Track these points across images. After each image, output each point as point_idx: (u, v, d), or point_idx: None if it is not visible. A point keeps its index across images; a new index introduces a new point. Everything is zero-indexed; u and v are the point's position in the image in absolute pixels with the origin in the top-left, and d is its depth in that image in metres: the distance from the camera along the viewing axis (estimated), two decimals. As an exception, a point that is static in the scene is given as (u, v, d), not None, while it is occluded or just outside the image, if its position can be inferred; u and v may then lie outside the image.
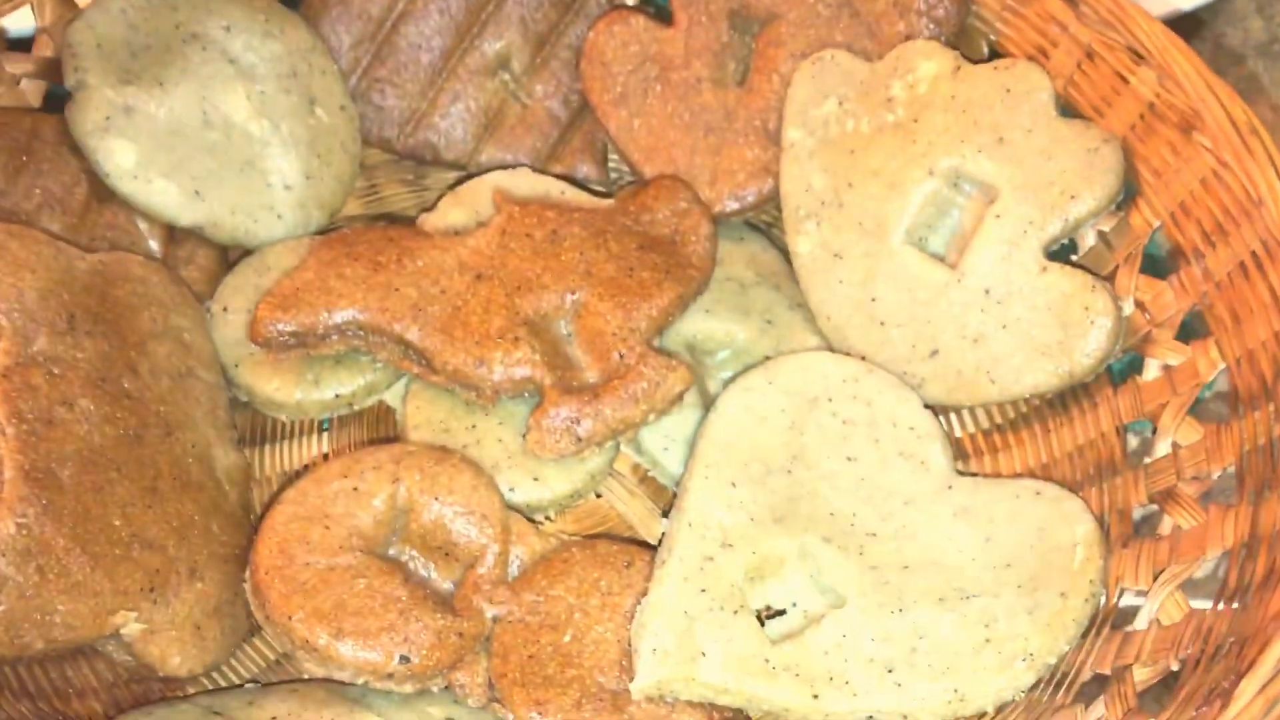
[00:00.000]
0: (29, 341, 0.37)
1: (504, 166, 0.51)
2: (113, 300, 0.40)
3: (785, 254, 0.50)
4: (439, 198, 0.50)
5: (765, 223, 0.54)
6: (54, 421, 0.36)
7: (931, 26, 0.48)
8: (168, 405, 0.40)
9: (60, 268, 0.39)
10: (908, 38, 0.48)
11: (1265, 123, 0.63)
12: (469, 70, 0.53)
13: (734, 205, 0.51)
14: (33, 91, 0.48)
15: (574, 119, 0.54)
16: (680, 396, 0.43)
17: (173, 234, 0.46)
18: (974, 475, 0.43)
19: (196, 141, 0.46)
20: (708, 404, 0.46)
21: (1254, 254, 0.39)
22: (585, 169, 0.54)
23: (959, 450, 0.47)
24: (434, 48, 0.52)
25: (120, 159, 0.44)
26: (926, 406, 0.45)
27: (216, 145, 0.47)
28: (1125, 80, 0.43)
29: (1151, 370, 0.42)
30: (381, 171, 0.54)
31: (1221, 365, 0.40)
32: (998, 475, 0.46)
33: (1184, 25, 0.65)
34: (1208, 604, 0.36)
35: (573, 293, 0.44)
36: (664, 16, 0.52)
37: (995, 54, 0.48)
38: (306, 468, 0.46)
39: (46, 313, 0.38)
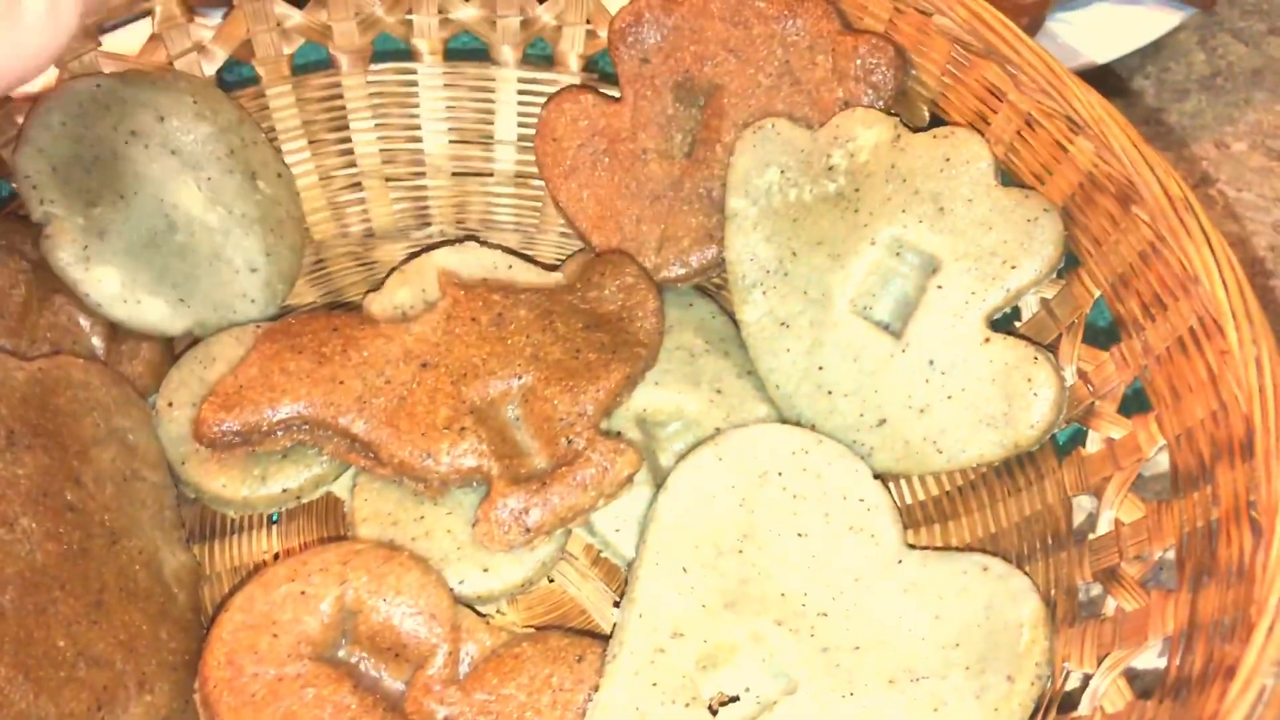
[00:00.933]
0: (-35, 464, 0.37)
1: (449, 242, 0.51)
2: (53, 409, 0.40)
3: (734, 319, 0.50)
4: (386, 275, 0.50)
5: (715, 285, 0.54)
6: (-6, 544, 0.36)
7: (870, 92, 0.48)
8: (112, 513, 0.40)
9: (-3, 381, 0.39)
10: (847, 104, 0.48)
11: (1208, 158, 0.64)
12: None
13: (679, 271, 0.51)
14: (-33, 190, 0.47)
15: None
16: (629, 480, 0.43)
17: (114, 330, 0.46)
18: (923, 549, 0.43)
19: (167, 248, 0.47)
20: (659, 479, 0.46)
21: (1191, 330, 0.39)
22: None
23: (908, 517, 0.48)
24: None
25: (106, 287, 0.45)
26: (876, 476, 0.45)
27: (185, 246, 0.47)
28: (1064, 149, 0.44)
29: (1095, 443, 0.43)
30: (328, 247, 0.54)
31: (1161, 441, 0.40)
32: (947, 547, 0.46)
33: (1128, 61, 0.65)
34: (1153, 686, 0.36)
35: (519, 378, 0.44)
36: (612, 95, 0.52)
37: (936, 118, 0.49)
38: (256, 567, 0.46)
39: (-18, 432, 0.38)
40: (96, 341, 0.45)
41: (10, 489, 0.37)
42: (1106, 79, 0.66)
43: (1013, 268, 0.44)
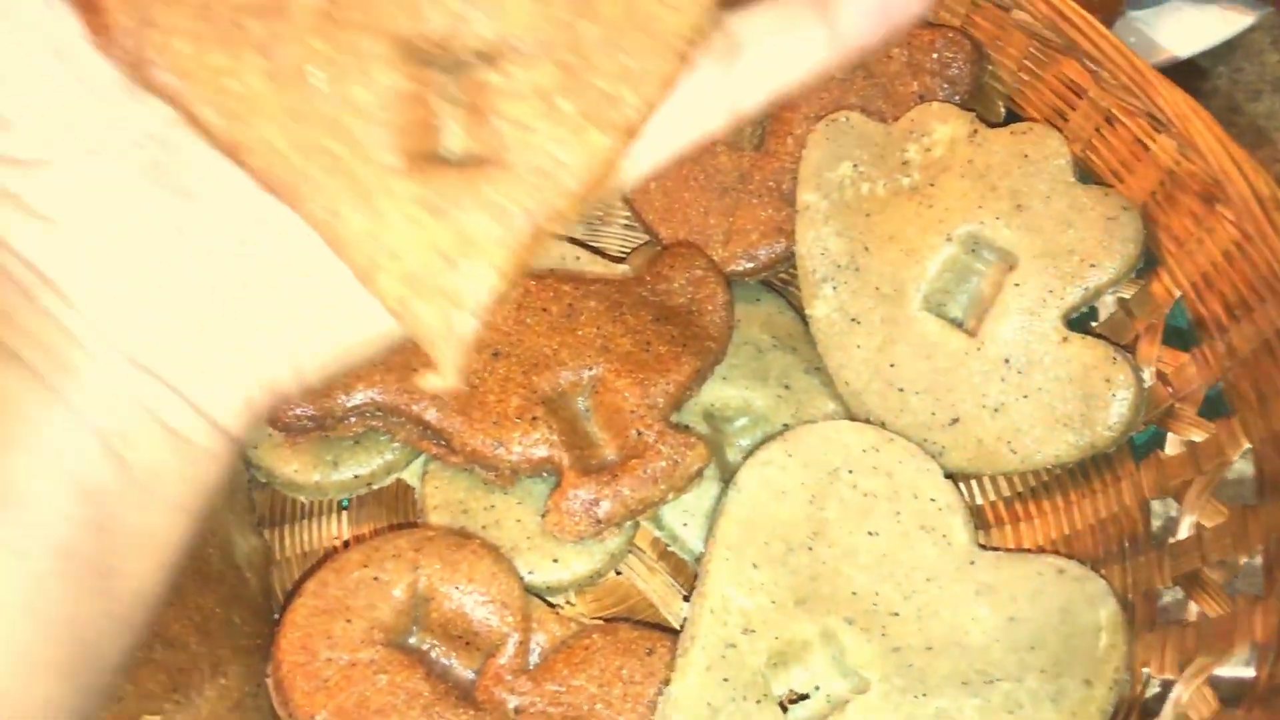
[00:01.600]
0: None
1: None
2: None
3: (802, 315, 0.50)
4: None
5: (783, 280, 0.53)
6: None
7: (946, 87, 0.48)
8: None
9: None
10: (922, 98, 0.48)
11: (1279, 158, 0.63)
12: None
13: (747, 264, 0.50)
14: None
15: None
16: (699, 474, 0.43)
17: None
18: (995, 550, 0.42)
19: None
20: (726, 474, 0.46)
21: (1278, 332, 0.38)
22: None
23: (979, 519, 0.47)
24: None
25: None
26: (947, 475, 0.45)
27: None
28: (1145, 147, 0.43)
29: (1174, 445, 0.42)
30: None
31: (1245, 445, 0.39)
32: (1020, 549, 0.46)
33: (1200, 61, 0.64)
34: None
35: (589, 369, 0.44)
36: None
37: (1012, 114, 0.48)
38: (327, 552, 0.46)
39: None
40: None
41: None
42: (1178, 77, 0.65)
43: (1091, 266, 0.43)
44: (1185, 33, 0.62)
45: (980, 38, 0.47)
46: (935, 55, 0.47)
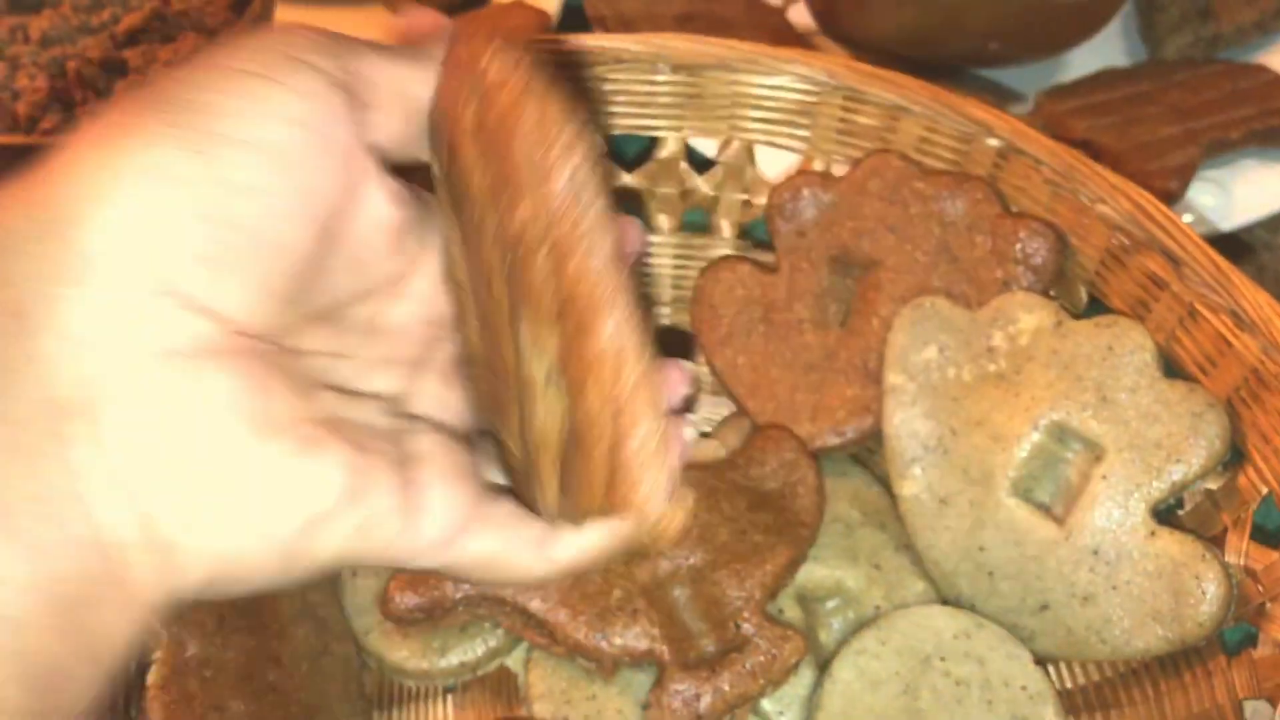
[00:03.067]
0: (183, 648, 0.39)
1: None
2: (255, 590, 0.42)
3: (887, 487, 0.51)
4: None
5: (868, 449, 0.55)
6: (208, 729, 0.38)
7: (1029, 274, 0.49)
8: (307, 690, 0.42)
9: (208, 566, 0.41)
10: (1006, 285, 0.49)
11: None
12: None
13: (834, 440, 0.52)
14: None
15: None
16: (796, 667, 0.44)
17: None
18: (1089, 742, 0.43)
19: None
20: (819, 655, 0.47)
21: (1370, 541, 0.39)
22: None
23: (1069, 704, 0.48)
24: None
25: None
26: (1036, 661, 0.45)
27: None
28: (1229, 343, 0.44)
29: (1267, 645, 0.43)
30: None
31: (1342, 655, 0.40)
32: (1112, 742, 0.46)
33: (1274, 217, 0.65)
34: None
35: (688, 559, 0.46)
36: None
37: (1095, 301, 0.49)
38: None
39: (198, 615, 0.40)
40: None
41: (220, 672, 0.40)
42: (1253, 233, 0.66)
43: (1178, 461, 0.44)
44: (1260, 192, 0.63)
45: (1063, 226, 0.49)
46: (1019, 245, 0.49)
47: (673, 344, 0.59)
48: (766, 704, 0.46)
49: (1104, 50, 0.73)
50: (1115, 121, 0.65)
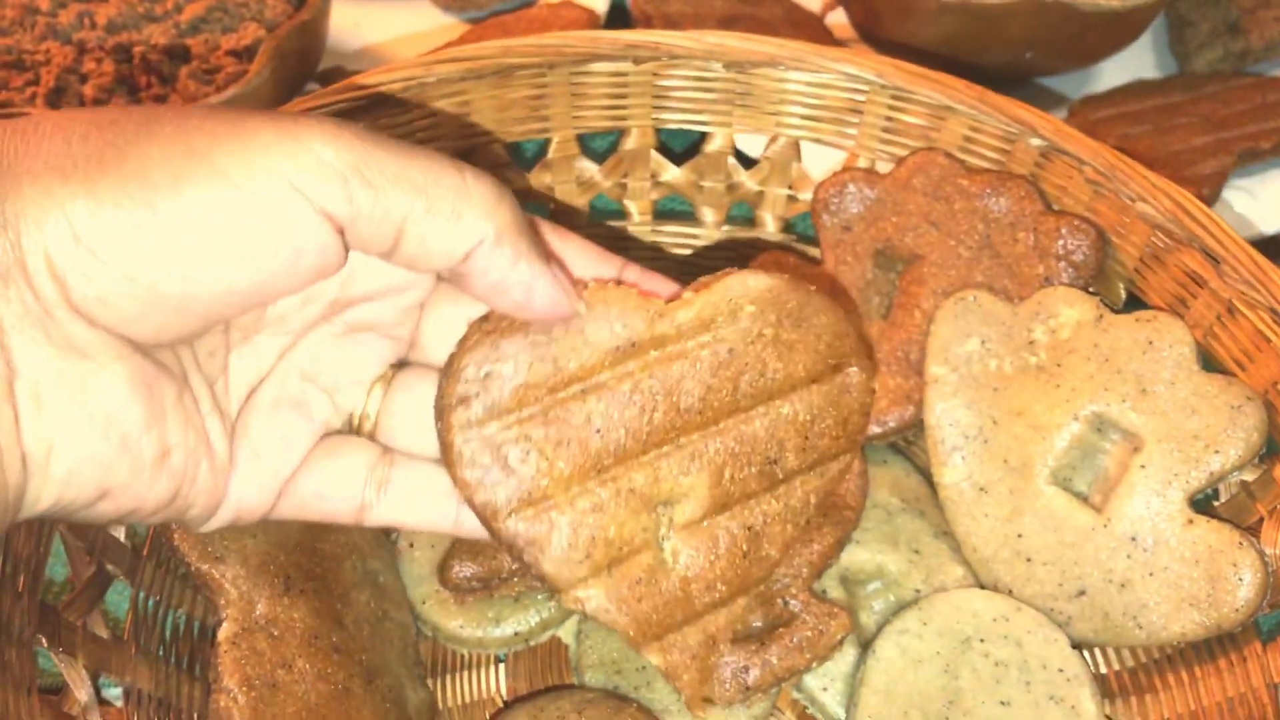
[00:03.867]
0: (252, 606, 0.41)
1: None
2: (320, 554, 0.44)
3: (926, 477, 0.52)
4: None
5: (906, 440, 0.56)
6: (277, 685, 0.39)
7: (1070, 270, 0.50)
8: (369, 653, 0.43)
9: (276, 529, 0.43)
10: (1047, 280, 0.51)
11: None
12: (630, 488, 0.37)
13: (876, 430, 0.53)
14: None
15: (704, 612, 0.40)
16: (841, 643, 0.45)
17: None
18: (1124, 723, 0.44)
19: None
20: (861, 637, 0.49)
21: (1405, 530, 0.40)
22: (684, 678, 0.40)
23: (1105, 688, 0.49)
24: (609, 442, 0.37)
25: None
26: (1073, 645, 0.47)
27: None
28: (1267, 339, 0.45)
29: (1301, 632, 0.44)
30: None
31: (1375, 639, 0.41)
32: (1148, 724, 0.47)
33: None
34: None
35: (737, 537, 0.47)
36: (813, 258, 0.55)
37: (1133, 298, 0.51)
38: (484, 705, 0.49)
39: (266, 575, 0.41)
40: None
41: (288, 631, 0.41)
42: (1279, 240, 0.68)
43: (1215, 452, 0.46)
44: (1288, 201, 0.64)
45: (1103, 224, 0.50)
46: (1061, 241, 0.50)
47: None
48: (811, 680, 0.47)
49: (1136, 62, 0.75)
50: (1148, 130, 0.66)
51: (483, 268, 0.32)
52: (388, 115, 0.52)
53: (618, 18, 0.72)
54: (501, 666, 0.49)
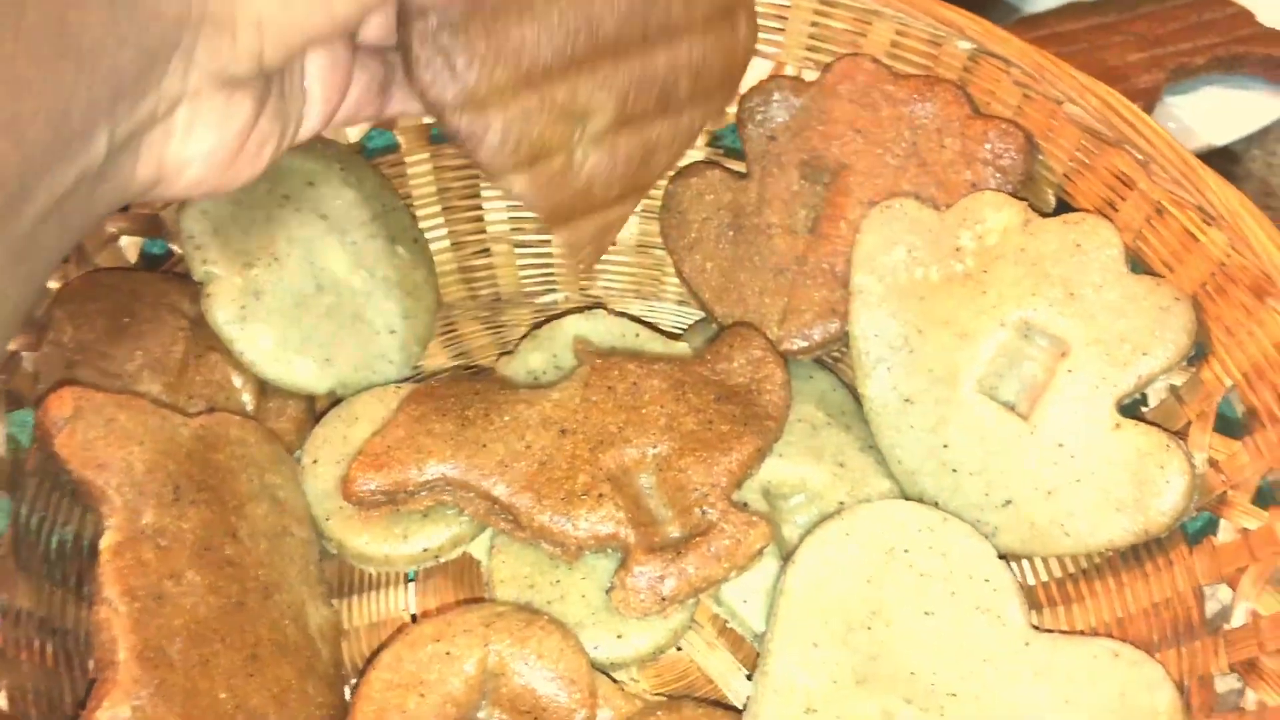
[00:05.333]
0: (138, 515, 0.38)
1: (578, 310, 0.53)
2: (214, 465, 0.42)
3: (853, 392, 0.51)
4: (516, 339, 0.51)
5: (833, 357, 0.54)
6: (163, 596, 0.37)
7: (998, 175, 0.49)
8: (265, 568, 0.41)
9: (165, 437, 0.41)
10: (974, 186, 0.49)
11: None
12: (553, 101, 0.43)
13: (801, 344, 0.52)
14: (130, 248, 0.49)
15: (602, 206, 0.47)
16: (761, 552, 0.44)
17: (264, 387, 0.47)
18: (1050, 631, 0.43)
19: (316, 309, 0.48)
20: (783, 551, 0.47)
21: (1331, 425, 0.39)
22: (583, 251, 0.49)
23: (1032, 599, 0.48)
24: (539, 62, 0.42)
25: (261, 345, 0.46)
26: (1000, 556, 0.46)
27: (331, 307, 0.49)
28: (1196, 239, 0.44)
29: (1227, 532, 0.43)
30: (458, 310, 0.56)
31: (1300, 535, 0.40)
32: (1074, 632, 0.46)
33: (1236, 145, 0.66)
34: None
35: (654, 447, 0.45)
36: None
37: (1063, 203, 0.49)
38: (393, 624, 0.47)
39: (153, 484, 0.39)
40: (247, 398, 0.47)
41: (177, 542, 0.39)
42: (1212, 161, 0.67)
43: (1143, 354, 0.44)
44: (1222, 119, 0.64)
45: (1032, 128, 0.49)
46: (988, 145, 0.49)
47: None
48: (730, 593, 0.46)
49: (1071, -16, 0.73)
50: (1082, 49, 0.65)
51: None
52: None
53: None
54: (412, 586, 0.48)
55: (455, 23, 0.39)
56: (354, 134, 0.53)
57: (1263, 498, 0.42)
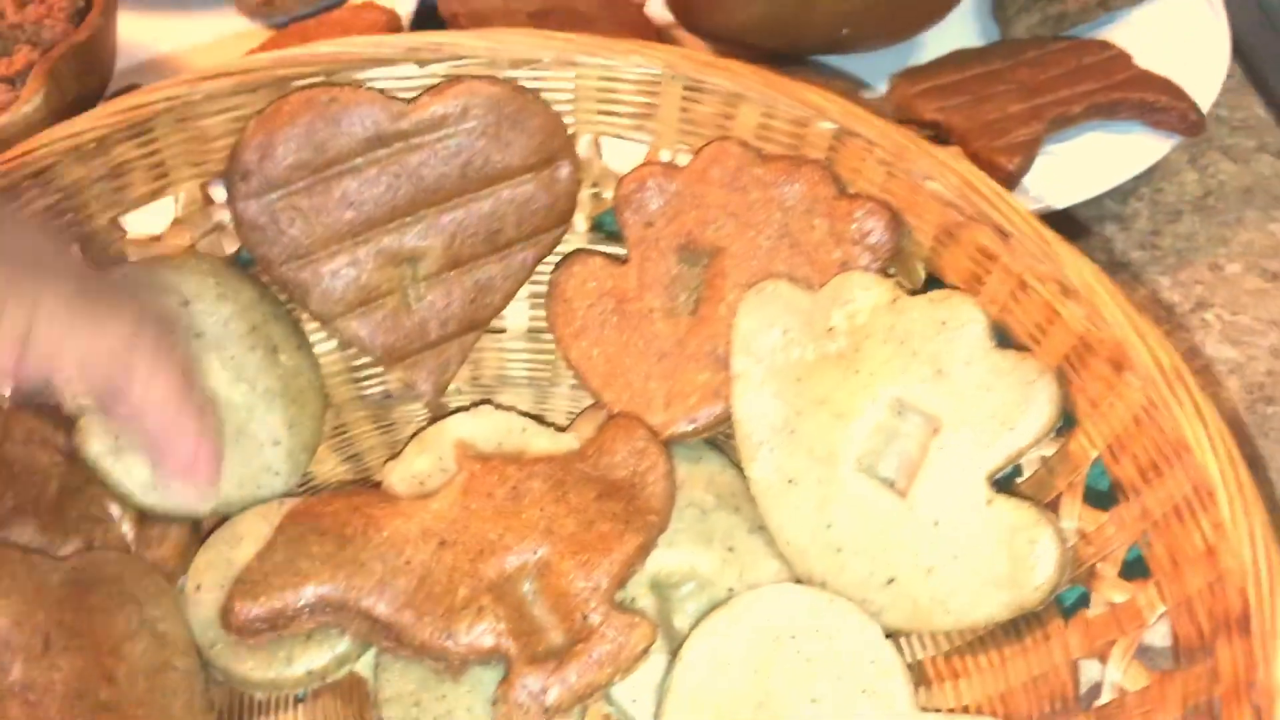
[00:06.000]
0: (5, 672, 0.38)
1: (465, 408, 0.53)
2: (88, 608, 0.42)
3: (741, 471, 0.51)
4: (405, 439, 0.52)
5: (724, 435, 0.55)
6: (33, 753, 0.37)
7: (867, 254, 0.50)
8: (145, 707, 0.41)
9: (34, 587, 0.40)
10: (845, 265, 0.50)
11: (1204, 281, 0.65)
12: (379, 248, 0.51)
13: (688, 427, 0.52)
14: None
15: (439, 342, 0.54)
16: (645, 654, 0.44)
17: (143, 515, 0.47)
18: (936, 711, 0.44)
19: None
20: (674, 642, 0.47)
21: (1186, 498, 0.40)
22: (423, 387, 0.54)
23: (919, 675, 0.49)
24: (362, 213, 0.51)
25: (136, 475, 0.46)
26: (887, 635, 0.46)
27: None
28: (1057, 312, 0.45)
29: (1098, 606, 0.44)
30: (347, 411, 0.56)
31: (1161, 609, 0.41)
32: (960, 710, 0.47)
33: (1121, 188, 0.66)
34: None
35: (534, 552, 0.45)
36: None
37: (932, 277, 0.50)
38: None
39: (21, 638, 0.39)
40: (126, 528, 0.47)
41: (47, 694, 0.39)
42: (1100, 202, 0.68)
43: (1011, 429, 0.45)
44: (1103, 165, 0.64)
45: (897, 205, 0.50)
46: (855, 224, 0.50)
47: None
48: (620, 692, 0.46)
49: (958, 32, 0.74)
50: (965, 101, 0.66)
51: None
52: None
53: (427, 18, 0.70)
54: (301, 707, 0.48)
55: (276, 181, 0.40)
56: (229, 246, 0.53)
57: (1130, 570, 0.43)
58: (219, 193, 0.52)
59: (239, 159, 0.50)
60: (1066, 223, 0.66)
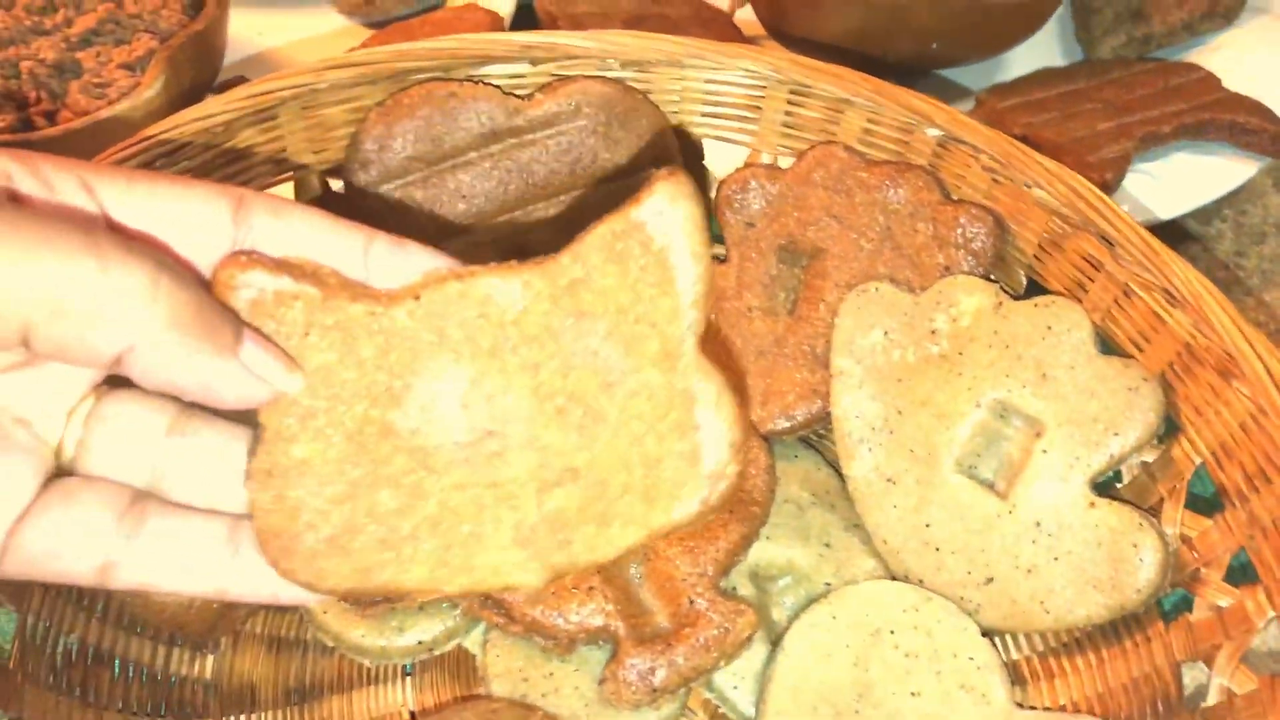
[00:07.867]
0: None
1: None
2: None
3: (837, 470, 0.52)
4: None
5: (818, 434, 0.56)
6: None
7: (970, 259, 0.51)
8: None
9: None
10: (947, 269, 0.51)
11: (1291, 302, 0.65)
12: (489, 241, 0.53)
13: (784, 424, 0.53)
14: None
15: None
16: (749, 640, 0.45)
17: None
18: (1033, 709, 0.44)
19: None
20: (772, 634, 0.48)
21: (1297, 504, 0.41)
22: None
23: (1015, 674, 0.49)
24: (474, 205, 0.52)
25: None
26: (983, 633, 0.47)
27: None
28: (1162, 320, 0.46)
29: (1201, 610, 0.44)
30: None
31: (1271, 614, 0.41)
32: (1057, 709, 0.47)
33: (1205, 206, 0.67)
34: None
35: (642, 538, 0.46)
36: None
37: (1034, 284, 0.51)
38: (392, 718, 0.48)
39: None
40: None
41: None
42: (1182, 224, 0.68)
43: (1115, 434, 0.46)
44: (1191, 185, 0.65)
45: (1002, 212, 0.50)
46: (959, 230, 0.50)
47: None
48: (721, 678, 0.47)
49: (1042, 51, 0.75)
50: (1053, 117, 0.67)
51: (142, 371, 0.27)
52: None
53: (525, 20, 0.71)
54: (408, 680, 0.49)
55: (394, 171, 0.39)
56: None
57: (1234, 575, 0.43)
58: (336, 182, 0.54)
59: (358, 148, 0.52)
60: (1151, 240, 0.67)
